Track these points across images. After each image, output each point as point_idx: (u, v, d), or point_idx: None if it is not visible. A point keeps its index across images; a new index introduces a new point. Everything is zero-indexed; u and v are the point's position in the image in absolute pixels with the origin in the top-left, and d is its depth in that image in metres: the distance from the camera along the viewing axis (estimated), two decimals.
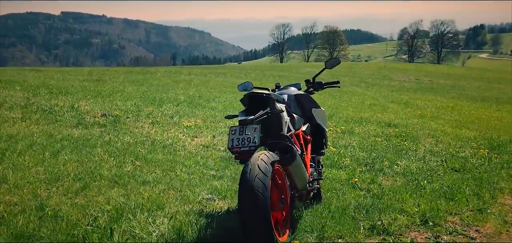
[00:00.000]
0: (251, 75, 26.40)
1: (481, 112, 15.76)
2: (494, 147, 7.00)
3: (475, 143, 7.44)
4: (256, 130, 2.73)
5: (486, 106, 18.42)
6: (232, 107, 9.99)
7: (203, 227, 3.03)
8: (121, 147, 5.18)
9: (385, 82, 27.99)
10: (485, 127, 11.17)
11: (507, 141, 7.91)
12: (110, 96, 10.12)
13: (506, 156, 6.29)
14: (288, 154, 2.79)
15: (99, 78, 17.84)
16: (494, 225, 3.31)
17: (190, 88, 15.81)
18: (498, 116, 14.62)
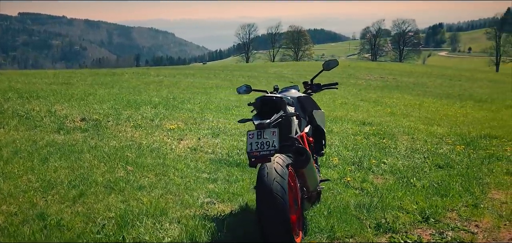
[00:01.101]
0: (220, 76, 26.31)
1: (446, 109, 16.31)
2: (468, 143, 7.29)
3: (449, 139, 7.72)
4: (274, 133, 2.75)
5: (450, 103, 19.09)
6: (208, 109, 9.95)
7: (214, 231, 3.02)
8: (108, 151, 5.07)
9: (352, 81, 28.54)
10: (453, 123, 11.60)
11: (478, 137, 8.25)
12: (83, 100, 9.86)
13: (482, 151, 6.57)
14: (302, 157, 2.83)
15: (66, 81, 17.32)
16: (491, 219, 3.47)
17: (162, 89, 15.61)
18: (463, 113, 15.19)
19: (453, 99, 20.98)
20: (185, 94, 13.82)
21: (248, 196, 3.87)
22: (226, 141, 6.23)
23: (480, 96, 23.54)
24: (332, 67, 3.93)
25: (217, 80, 22.56)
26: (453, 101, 19.87)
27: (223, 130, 7.06)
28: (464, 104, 18.38)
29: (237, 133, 6.83)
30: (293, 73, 30.72)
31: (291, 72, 32.06)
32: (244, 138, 6.55)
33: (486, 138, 8.21)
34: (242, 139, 6.42)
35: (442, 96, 22.02)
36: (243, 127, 7.48)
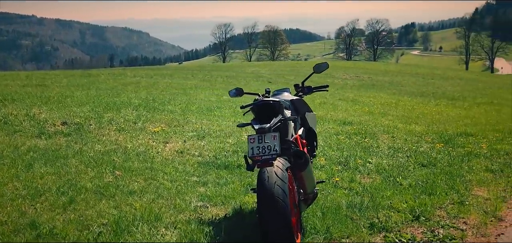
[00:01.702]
0: (198, 76, 26.18)
1: (422, 107, 16.65)
2: (447, 140, 7.50)
3: (428, 137, 7.92)
4: (275, 138, 2.78)
5: (425, 101, 19.51)
6: (190, 111, 9.90)
7: (212, 235, 3.03)
8: (94, 156, 5.00)
9: (329, 80, 28.82)
10: (430, 121, 11.87)
11: (455, 134, 8.49)
12: (61, 102, 9.66)
13: (460, 149, 6.77)
14: (301, 160, 2.87)
15: (40, 83, 16.92)
16: (478, 216, 3.59)
17: (140, 91, 15.43)
18: (438, 111, 15.56)
19: (427, 97, 21.48)
20: (165, 96, 13.70)
21: (241, 199, 3.89)
22: (211, 143, 6.23)
23: (453, 94, 24.15)
24: (322, 70, 3.98)
25: (195, 81, 22.46)
26: (428, 99, 20.34)
27: (208, 132, 7.05)
28: (438, 103, 18.84)
29: (222, 135, 6.83)
30: (271, 73, 30.84)
31: (269, 72, 32.16)
32: (230, 139, 6.56)
33: (462, 135, 8.46)
34: (227, 141, 6.43)
35: (417, 95, 22.50)
36: (227, 129, 7.49)
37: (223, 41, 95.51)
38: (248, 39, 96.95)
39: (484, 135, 8.75)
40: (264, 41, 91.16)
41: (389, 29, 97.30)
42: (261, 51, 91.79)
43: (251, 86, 20.68)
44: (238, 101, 13.25)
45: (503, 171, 5.33)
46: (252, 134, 2.84)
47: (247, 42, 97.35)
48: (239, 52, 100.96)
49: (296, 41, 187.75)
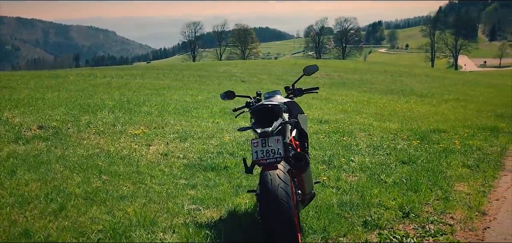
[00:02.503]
0: (170, 76, 25.92)
1: (393, 104, 17.04)
2: (422, 137, 7.73)
3: (404, 134, 8.14)
4: (278, 141, 2.81)
5: (395, 98, 19.97)
6: (166, 112, 9.81)
7: (213, 238, 3.04)
8: (78, 161, 4.91)
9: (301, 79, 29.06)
10: (402, 118, 12.18)
11: (428, 131, 8.76)
12: (33, 105, 9.39)
13: (435, 145, 7.00)
14: (302, 162, 2.91)
15: (5, 84, 16.33)
16: (463, 211, 3.75)
17: (112, 92, 15.16)
18: (408, 108, 15.96)
19: (397, 95, 22.02)
20: (139, 97, 13.51)
21: (233, 200, 3.91)
22: (195, 144, 6.21)
23: (421, 91, 24.84)
24: (312, 72, 4.03)
25: (167, 81, 22.23)
26: (398, 97, 20.85)
27: (189, 133, 7.02)
28: (408, 100, 19.33)
29: (204, 137, 6.82)
30: (243, 72, 30.86)
31: (241, 71, 32.17)
32: (212, 141, 6.56)
33: (435, 132, 8.74)
34: (210, 142, 6.43)
35: (387, 92, 23.04)
36: (208, 130, 7.48)
37: (193, 39, 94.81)
38: (218, 38, 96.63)
39: (455, 131, 9.07)
40: (235, 40, 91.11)
41: (357, 28, 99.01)
42: (232, 50, 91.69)
43: (225, 86, 20.65)
44: (215, 102, 13.24)
45: (478, 166, 5.56)
46: (255, 138, 2.86)
47: (217, 40, 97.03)
48: (209, 50, 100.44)
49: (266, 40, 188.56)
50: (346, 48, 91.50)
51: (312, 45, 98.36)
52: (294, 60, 69.71)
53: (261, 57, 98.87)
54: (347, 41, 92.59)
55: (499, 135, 9.07)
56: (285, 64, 48.26)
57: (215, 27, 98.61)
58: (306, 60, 72.90)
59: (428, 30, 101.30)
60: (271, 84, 22.89)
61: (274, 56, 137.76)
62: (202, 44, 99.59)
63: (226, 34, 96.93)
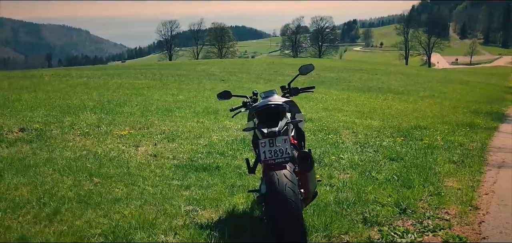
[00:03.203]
0: (147, 75, 25.61)
1: (372, 102, 17.24)
2: (405, 134, 7.87)
3: (387, 132, 8.27)
4: (286, 141, 2.81)
5: (373, 96, 20.23)
6: (149, 112, 9.69)
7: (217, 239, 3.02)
8: (66, 163, 4.80)
9: (279, 77, 29.14)
10: (382, 116, 12.34)
11: (410, 128, 8.93)
12: (10, 107, 9.15)
13: (419, 142, 7.15)
14: (308, 161, 2.92)
15: None
16: (456, 206, 3.84)
17: (91, 92, 14.90)
18: (387, 105, 16.18)
19: (374, 92, 22.33)
20: (119, 97, 13.32)
21: (229, 200, 3.90)
22: (183, 145, 6.16)
23: (397, 88, 25.24)
24: (308, 72, 4.05)
25: (146, 80, 21.96)
26: (375, 94, 21.14)
27: (176, 133, 6.96)
28: (386, 97, 19.61)
29: (191, 137, 6.77)
30: (222, 71, 30.73)
31: (219, 70, 32.03)
32: (200, 141, 6.52)
33: (417, 128, 8.92)
34: (199, 142, 6.39)
35: (365, 90, 23.33)
36: (194, 130, 7.42)
37: (169, 38, 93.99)
38: (194, 37, 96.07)
39: (435, 127, 9.28)
40: (211, 39, 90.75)
41: (333, 26, 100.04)
42: (209, 48, 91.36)
43: (205, 85, 20.54)
44: (197, 101, 13.16)
45: (463, 161, 5.70)
46: (264, 139, 2.84)
47: (193, 39, 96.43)
48: (186, 49, 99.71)
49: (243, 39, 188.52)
50: (322, 47, 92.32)
51: (289, 44, 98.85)
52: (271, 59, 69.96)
53: (238, 56, 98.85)
54: (323, 40, 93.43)
55: (478, 130, 9.33)
56: (262, 63, 48.27)
57: (191, 26, 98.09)
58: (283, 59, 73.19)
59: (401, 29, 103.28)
60: (251, 83, 22.88)
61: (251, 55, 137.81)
62: (179, 43, 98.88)
63: (202, 33, 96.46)
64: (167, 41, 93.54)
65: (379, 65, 51.94)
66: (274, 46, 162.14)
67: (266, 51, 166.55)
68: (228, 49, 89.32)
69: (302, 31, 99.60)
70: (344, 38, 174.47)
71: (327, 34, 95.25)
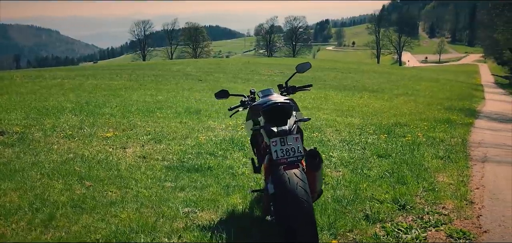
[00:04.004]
0: (123, 76, 25.19)
1: (349, 100, 17.46)
2: (388, 131, 8.00)
3: (369, 129, 8.39)
4: (297, 139, 2.80)
5: (349, 94, 20.49)
6: (129, 113, 9.53)
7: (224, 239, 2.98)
8: (54, 167, 4.66)
9: (256, 77, 29.17)
10: (361, 113, 12.52)
11: (391, 125, 9.09)
12: None
13: (402, 139, 7.28)
14: (316, 159, 2.92)
15: None
16: (452, 201, 3.92)
17: (67, 93, 14.56)
18: (364, 103, 16.41)
19: (350, 91, 22.62)
20: (97, 98, 13.06)
21: (227, 201, 3.86)
22: (171, 146, 6.08)
23: (372, 87, 25.66)
24: (305, 70, 4.06)
25: (122, 81, 21.60)
26: (352, 93, 21.42)
27: (162, 134, 6.86)
28: (362, 95, 19.91)
29: (178, 137, 6.69)
30: (198, 71, 30.51)
31: (195, 70, 31.79)
32: (188, 141, 6.45)
33: (397, 126, 9.08)
34: (186, 143, 6.32)
35: (341, 89, 23.61)
36: (179, 131, 7.34)
37: (142, 38, 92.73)
38: (168, 37, 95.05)
39: (414, 124, 9.48)
40: (185, 39, 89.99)
41: (306, 26, 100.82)
42: (183, 48, 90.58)
43: (183, 85, 20.38)
44: (177, 101, 13.02)
45: (449, 157, 5.84)
46: (275, 138, 2.82)
47: (167, 39, 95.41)
48: (160, 49, 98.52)
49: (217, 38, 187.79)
50: (296, 47, 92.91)
51: (263, 44, 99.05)
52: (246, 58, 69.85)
53: (213, 56, 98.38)
54: (297, 40, 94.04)
55: (455, 126, 9.59)
56: (238, 62, 48.17)
57: (165, 26, 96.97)
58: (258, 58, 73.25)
59: (373, 28, 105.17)
60: (229, 83, 22.82)
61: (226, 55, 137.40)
62: (152, 43, 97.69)
63: (176, 33, 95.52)
64: (140, 41, 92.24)
65: (352, 64, 52.65)
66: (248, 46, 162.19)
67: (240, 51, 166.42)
68: (202, 49, 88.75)
69: (276, 31, 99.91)
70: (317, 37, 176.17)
71: (301, 34, 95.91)
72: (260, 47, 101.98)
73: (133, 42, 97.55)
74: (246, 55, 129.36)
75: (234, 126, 8.31)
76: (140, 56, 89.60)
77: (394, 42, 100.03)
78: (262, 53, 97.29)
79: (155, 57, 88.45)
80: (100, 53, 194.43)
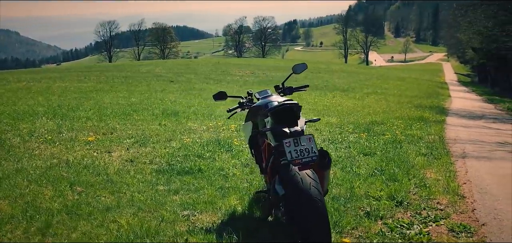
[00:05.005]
0: (92, 78, 24.63)
1: (322, 100, 17.66)
2: (367, 130, 8.16)
3: (348, 128, 8.53)
4: (311, 140, 2.81)
5: (322, 94, 20.73)
6: (106, 116, 9.33)
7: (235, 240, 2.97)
8: (41, 173, 4.51)
9: (228, 77, 29.11)
10: (337, 112, 12.69)
11: (368, 123, 9.27)
12: None
13: (382, 136, 7.44)
14: (325, 159, 2.94)
15: None
16: (445, 196, 4.04)
17: (36, 96, 14.13)
18: (337, 103, 16.64)
19: (322, 90, 22.91)
20: (68, 101, 12.72)
21: (224, 202, 3.85)
22: (157, 149, 5.99)
23: (342, 86, 26.07)
24: (302, 71, 4.09)
25: (91, 83, 21.12)
26: (324, 92, 21.70)
27: (144, 137, 6.76)
28: (334, 95, 20.19)
29: (162, 140, 6.61)
30: (168, 72, 30.15)
31: (165, 71, 31.40)
32: (173, 144, 6.38)
33: (374, 124, 9.27)
34: (171, 145, 6.24)
35: (313, 88, 23.84)
36: (162, 133, 7.24)
37: (108, 39, 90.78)
38: (135, 37, 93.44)
39: (390, 122, 9.70)
40: (153, 39, 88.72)
41: (275, 26, 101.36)
42: (150, 49, 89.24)
43: (155, 86, 20.10)
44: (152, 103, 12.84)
45: (432, 153, 6.02)
46: (288, 138, 2.82)
47: (134, 40, 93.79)
48: (126, 50, 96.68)
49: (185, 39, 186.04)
50: (265, 47, 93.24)
51: (232, 44, 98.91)
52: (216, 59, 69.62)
53: (181, 56, 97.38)
54: (266, 40, 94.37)
55: (430, 124, 9.88)
56: (208, 63, 47.89)
57: (131, 26, 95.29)
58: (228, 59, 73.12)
59: (340, 28, 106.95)
60: (201, 84, 22.67)
61: (194, 56, 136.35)
62: (118, 44, 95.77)
63: (143, 34, 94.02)
64: (106, 42, 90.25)
65: (320, 64, 53.33)
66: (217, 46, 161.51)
67: (209, 51, 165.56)
68: (170, 49, 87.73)
69: (245, 31, 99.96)
70: (286, 38, 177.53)
71: (270, 34, 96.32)
72: (229, 48, 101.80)
73: (98, 43, 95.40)
74: (215, 55, 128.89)
75: (214, 127, 8.28)
76: (106, 57, 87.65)
77: (361, 42, 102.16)
78: (232, 54, 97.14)
79: (122, 58, 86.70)
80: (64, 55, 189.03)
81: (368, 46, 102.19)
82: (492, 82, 45.72)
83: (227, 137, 6.92)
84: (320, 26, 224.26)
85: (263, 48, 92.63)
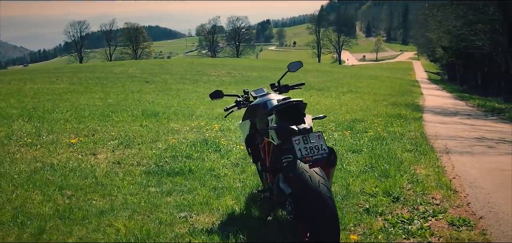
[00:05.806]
0: (64, 79, 24.04)
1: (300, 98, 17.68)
2: (348, 128, 8.24)
3: (331, 126, 8.59)
4: (320, 137, 2.79)
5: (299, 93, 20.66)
6: (84, 118, 9.11)
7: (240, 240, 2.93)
8: (26, 178, 4.34)
9: (204, 77, 28.91)
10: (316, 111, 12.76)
11: (349, 121, 9.36)
12: None
13: (365, 134, 7.52)
14: (332, 156, 2.93)
15: None
16: (439, 191, 4.10)
17: (8, 99, 13.71)
18: (315, 101, 16.74)
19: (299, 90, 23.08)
20: (43, 103, 12.38)
21: (220, 203, 3.80)
22: (143, 150, 5.87)
23: (318, 85, 26.29)
24: (297, 69, 4.09)
25: (65, 84, 20.62)
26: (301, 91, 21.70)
27: (128, 138, 6.62)
28: (311, 94, 20.32)
29: (147, 141, 6.49)
30: (142, 72, 29.73)
31: (139, 71, 30.94)
32: (159, 144, 6.27)
33: (355, 122, 9.37)
34: (157, 146, 6.14)
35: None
36: (146, 134, 7.12)
37: (78, 40, 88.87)
38: (106, 38, 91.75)
39: (370, 120, 9.83)
40: (125, 39, 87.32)
41: (248, 26, 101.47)
42: (122, 49, 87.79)
43: (130, 87, 19.78)
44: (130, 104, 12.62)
45: (417, 149, 6.12)
46: (297, 136, 2.80)
47: (105, 40, 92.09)
48: (97, 51, 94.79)
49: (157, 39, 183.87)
50: (240, 46, 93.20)
51: (206, 44, 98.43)
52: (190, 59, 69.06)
53: (154, 56, 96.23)
54: (240, 40, 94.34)
55: (409, 121, 10.07)
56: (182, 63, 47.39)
57: (102, 26, 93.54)
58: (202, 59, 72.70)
59: (313, 28, 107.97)
60: (177, 84, 22.45)
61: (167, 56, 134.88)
62: (89, 44, 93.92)
63: (115, 34, 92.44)
64: (76, 43, 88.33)
65: None
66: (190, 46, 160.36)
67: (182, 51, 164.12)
68: (143, 50, 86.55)
69: (219, 31, 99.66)
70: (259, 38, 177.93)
71: (243, 34, 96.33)
72: (203, 48, 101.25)
73: (68, 44, 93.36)
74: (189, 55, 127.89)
75: (197, 127, 8.20)
76: (76, 58, 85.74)
77: (334, 41, 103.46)
78: (205, 54, 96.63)
79: (93, 59, 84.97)
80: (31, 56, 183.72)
81: (340, 45, 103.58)
82: (460, 80, 47.11)
83: (213, 136, 6.86)
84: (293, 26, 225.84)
85: (237, 48, 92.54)
